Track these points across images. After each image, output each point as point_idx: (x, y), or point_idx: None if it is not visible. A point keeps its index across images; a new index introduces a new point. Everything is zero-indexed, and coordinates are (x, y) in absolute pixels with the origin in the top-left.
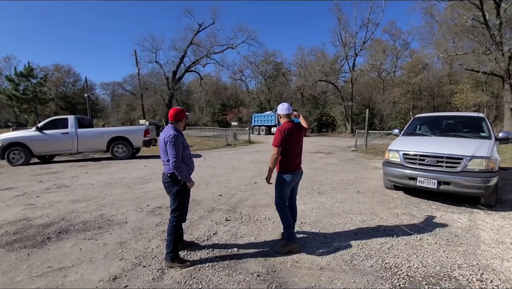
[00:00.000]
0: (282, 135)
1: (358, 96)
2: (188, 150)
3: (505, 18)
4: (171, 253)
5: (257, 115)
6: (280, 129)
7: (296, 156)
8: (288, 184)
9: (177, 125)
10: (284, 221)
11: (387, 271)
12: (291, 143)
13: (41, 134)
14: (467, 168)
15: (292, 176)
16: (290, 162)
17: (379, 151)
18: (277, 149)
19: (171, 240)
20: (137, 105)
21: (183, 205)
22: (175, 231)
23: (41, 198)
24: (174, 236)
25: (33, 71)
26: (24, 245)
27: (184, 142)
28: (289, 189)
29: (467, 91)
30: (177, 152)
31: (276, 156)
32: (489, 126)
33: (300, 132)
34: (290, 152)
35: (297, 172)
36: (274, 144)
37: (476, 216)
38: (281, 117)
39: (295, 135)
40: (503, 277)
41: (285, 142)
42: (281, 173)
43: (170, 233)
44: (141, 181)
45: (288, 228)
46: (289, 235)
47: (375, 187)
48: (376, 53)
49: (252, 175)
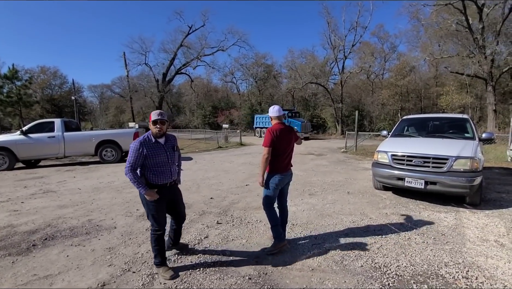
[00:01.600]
0: (272, 136)
1: (348, 98)
2: (158, 158)
3: (487, 22)
4: (156, 259)
5: (259, 117)
6: (270, 130)
7: (285, 157)
8: (277, 185)
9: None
10: (271, 220)
11: (376, 270)
12: (281, 144)
13: (26, 138)
14: (453, 168)
15: (281, 177)
16: (279, 162)
17: (368, 152)
18: (268, 149)
19: (153, 247)
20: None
21: (154, 215)
22: (155, 240)
23: (26, 203)
24: (156, 245)
25: (17, 73)
26: (8, 252)
27: (148, 151)
28: (278, 190)
29: (452, 93)
30: (133, 159)
31: (267, 156)
32: (473, 127)
33: (290, 134)
34: (280, 152)
35: (287, 173)
36: (264, 144)
37: (462, 215)
38: (272, 119)
39: (285, 136)
40: (487, 274)
41: (274, 143)
42: (271, 174)
43: (152, 242)
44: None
45: (275, 227)
46: (277, 234)
47: (364, 188)
48: (364, 56)
49: (244, 177)
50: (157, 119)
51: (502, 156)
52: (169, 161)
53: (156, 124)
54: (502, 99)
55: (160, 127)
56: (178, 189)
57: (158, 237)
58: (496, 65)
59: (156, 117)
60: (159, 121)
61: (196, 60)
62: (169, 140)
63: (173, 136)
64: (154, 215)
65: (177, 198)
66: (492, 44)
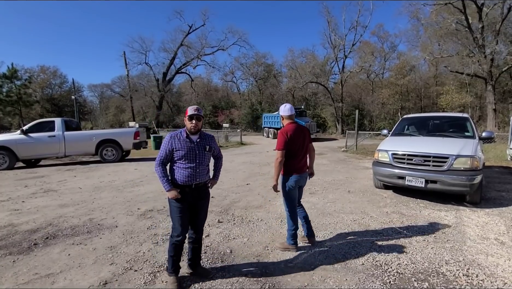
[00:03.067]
0: (285, 138)
1: (348, 98)
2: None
3: (487, 22)
4: (168, 265)
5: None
6: (282, 132)
7: (301, 157)
8: (294, 186)
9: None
10: (291, 223)
11: (377, 268)
12: (294, 145)
13: (26, 137)
14: (453, 167)
15: (297, 178)
16: (294, 164)
17: (369, 151)
18: (281, 152)
19: (169, 257)
20: (126, 108)
21: (174, 218)
22: (173, 248)
23: (27, 203)
24: (173, 254)
25: (17, 73)
26: (9, 251)
27: (176, 147)
28: (296, 191)
29: (452, 93)
30: (162, 153)
31: (280, 159)
32: (473, 126)
33: (303, 132)
34: (295, 153)
35: (303, 174)
36: (277, 148)
37: (462, 213)
38: (284, 119)
39: (299, 136)
40: (487, 272)
41: (288, 145)
42: (286, 176)
43: (168, 250)
44: (131, 184)
45: (291, 230)
46: (291, 236)
47: (365, 187)
48: (365, 55)
49: (244, 176)
50: (194, 114)
51: (502, 154)
52: (197, 160)
53: (192, 120)
54: (501, 98)
55: (196, 124)
56: (205, 193)
57: (177, 245)
58: (496, 65)
59: (192, 112)
60: (195, 116)
61: (196, 60)
62: (204, 140)
63: (210, 136)
64: (175, 218)
65: (200, 204)
66: (491, 44)
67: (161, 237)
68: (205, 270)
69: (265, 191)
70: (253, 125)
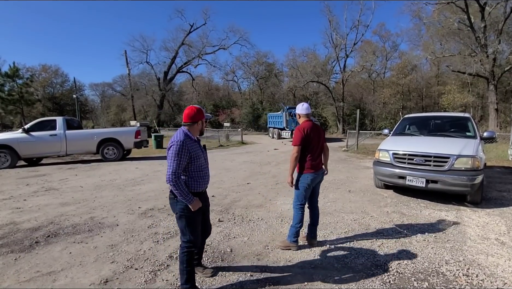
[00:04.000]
0: (302, 134)
1: (349, 97)
2: (199, 160)
3: (490, 21)
4: (185, 284)
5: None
6: (299, 128)
7: (317, 155)
8: (309, 185)
9: (190, 128)
10: (296, 220)
11: (377, 268)
12: (311, 142)
13: (28, 136)
14: (454, 167)
15: (313, 176)
16: (310, 161)
17: (369, 151)
18: (297, 148)
19: (183, 269)
20: (127, 106)
21: (192, 228)
22: (188, 259)
23: (28, 201)
24: (187, 265)
25: (18, 72)
26: (11, 249)
27: (193, 152)
28: (309, 189)
29: (454, 92)
30: (178, 164)
31: (296, 155)
32: (474, 126)
33: (319, 131)
34: (311, 150)
35: (319, 172)
36: (294, 143)
37: (463, 213)
38: (300, 117)
39: (315, 134)
40: (488, 272)
41: (305, 141)
42: (302, 173)
43: (182, 261)
44: (132, 183)
45: (295, 227)
46: (293, 234)
47: (366, 186)
48: (366, 54)
49: (245, 175)
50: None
51: (503, 154)
52: (207, 162)
53: (204, 121)
54: (503, 98)
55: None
56: (207, 195)
57: (192, 255)
58: (498, 64)
59: (205, 114)
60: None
61: (197, 59)
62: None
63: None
64: (194, 229)
65: (207, 205)
66: (494, 43)
67: (161, 235)
68: (206, 268)
69: (266, 190)
70: (254, 125)
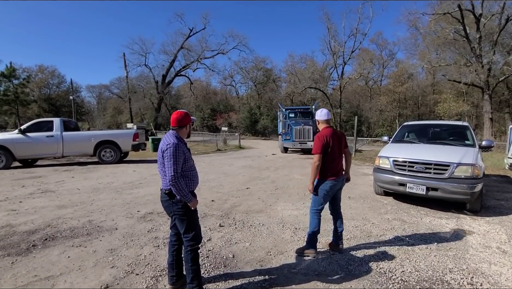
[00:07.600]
0: (322, 142)
1: (347, 104)
2: (190, 161)
3: (485, 32)
4: (192, 282)
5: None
6: (319, 136)
7: (338, 161)
8: (328, 192)
9: (179, 132)
10: (312, 226)
11: (381, 275)
12: (331, 149)
13: (24, 137)
14: (454, 175)
15: (333, 183)
16: (331, 168)
17: (367, 157)
18: (318, 156)
19: (189, 268)
20: (124, 109)
21: (194, 223)
22: (195, 258)
23: (24, 203)
24: (195, 263)
25: (15, 72)
26: (7, 253)
27: (186, 153)
28: (329, 196)
29: (450, 101)
30: (177, 164)
31: (318, 163)
32: (473, 134)
33: (339, 137)
34: (332, 158)
35: (339, 179)
36: (314, 151)
37: (463, 221)
38: (320, 123)
39: (335, 140)
40: (491, 281)
41: (325, 149)
42: (322, 180)
43: (187, 261)
44: (130, 186)
45: (312, 234)
46: (311, 241)
47: (365, 193)
48: (363, 62)
49: (244, 180)
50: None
51: (499, 163)
52: (194, 163)
53: (189, 125)
54: (498, 108)
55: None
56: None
57: (197, 253)
58: (493, 75)
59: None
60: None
61: (196, 63)
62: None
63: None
64: (196, 225)
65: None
66: (489, 54)
67: (162, 240)
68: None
69: (266, 196)
70: (251, 129)
